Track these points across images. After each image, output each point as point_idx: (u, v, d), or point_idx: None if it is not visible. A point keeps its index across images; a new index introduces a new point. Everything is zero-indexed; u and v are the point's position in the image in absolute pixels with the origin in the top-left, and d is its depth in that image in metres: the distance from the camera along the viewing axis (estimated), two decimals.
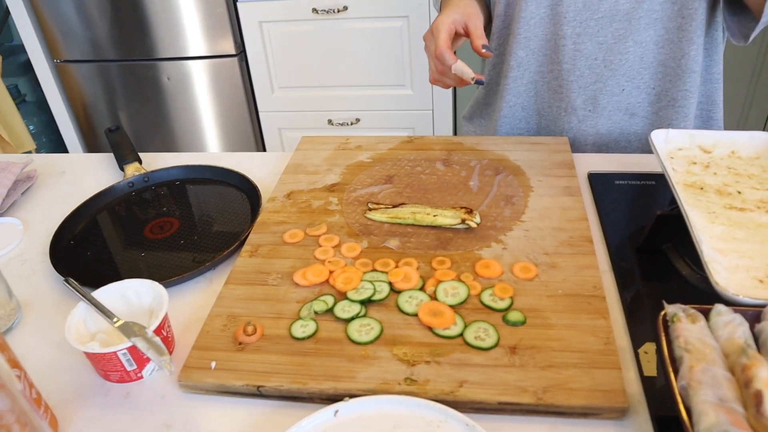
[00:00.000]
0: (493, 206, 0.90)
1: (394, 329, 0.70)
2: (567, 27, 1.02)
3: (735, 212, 0.82)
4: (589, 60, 1.05)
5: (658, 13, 1.00)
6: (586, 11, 1.00)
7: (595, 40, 1.03)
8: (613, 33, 1.02)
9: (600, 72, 1.05)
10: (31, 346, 0.78)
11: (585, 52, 1.04)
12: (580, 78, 1.06)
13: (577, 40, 1.03)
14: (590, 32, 1.02)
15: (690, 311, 0.64)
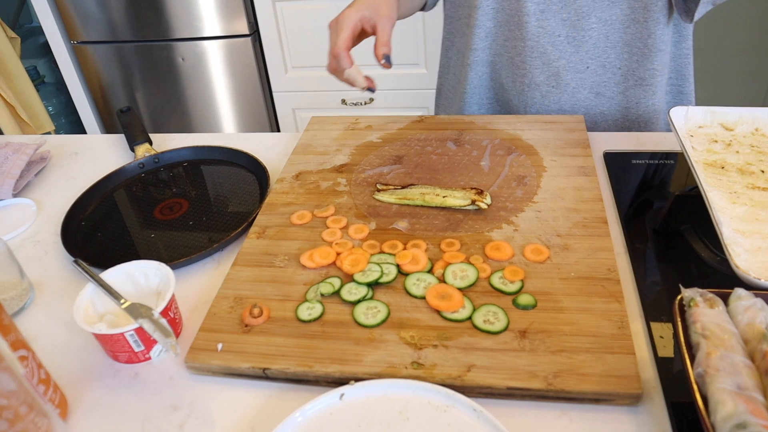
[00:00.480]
0: (504, 187, 0.87)
1: (401, 312, 0.69)
2: (530, 3, 1.01)
3: (758, 192, 0.80)
4: (552, 36, 1.03)
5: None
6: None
7: (558, 17, 1.01)
8: (576, 10, 1.00)
9: (563, 48, 1.04)
10: (43, 326, 0.78)
11: (548, 29, 1.03)
12: (543, 54, 1.05)
13: (541, 16, 1.02)
14: (553, 9, 1.01)
15: (708, 295, 0.62)
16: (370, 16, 0.86)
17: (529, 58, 1.06)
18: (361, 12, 0.86)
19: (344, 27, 0.85)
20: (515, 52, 1.06)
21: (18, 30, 2.68)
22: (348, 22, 0.85)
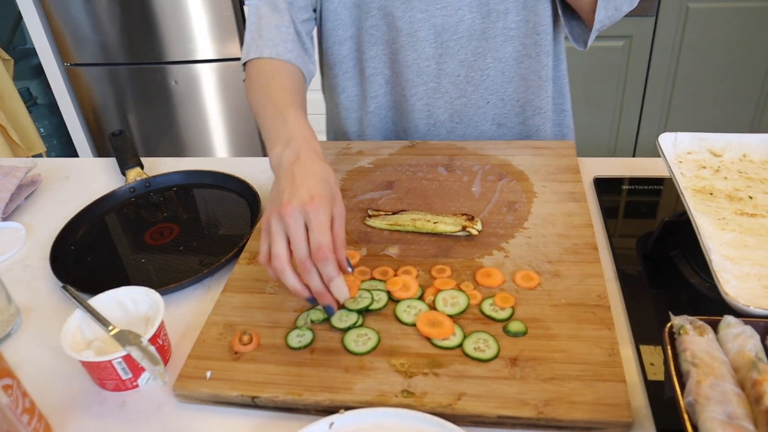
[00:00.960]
0: (495, 213, 0.88)
1: (391, 339, 0.69)
2: (429, 48, 1.03)
3: (746, 218, 0.80)
4: (452, 77, 1.06)
5: (513, 31, 1.02)
6: (446, 33, 1.01)
7: (456, 59, 1.04)
8: (472, 51, 1.03)
9: (463, 88, 1.07)
10: (29, 352, 0.77)
11: (448, 71, 1.05)
12: (446, 94, 1.08)
13: (440, 60, 1.04)
14: (451, 52, 1.03)
15: (698, 323, 0.62)
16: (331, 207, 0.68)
17: (432, 100, 1.08)
18: (330, 202, 0.67)
19: (324, 224, 0.65)
20: (417, 98, 1.08)
21: (11, 51, 2.69)
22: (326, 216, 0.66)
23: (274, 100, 0.84)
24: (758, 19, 2.17)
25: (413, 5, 0.99)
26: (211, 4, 2.29)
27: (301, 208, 0.65)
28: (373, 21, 1.02)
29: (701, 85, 2.34)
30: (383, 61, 1.07)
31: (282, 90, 0.86)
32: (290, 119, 0.78)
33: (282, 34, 0.94)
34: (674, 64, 2.30)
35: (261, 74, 0.91)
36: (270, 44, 0.93)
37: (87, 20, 2.40)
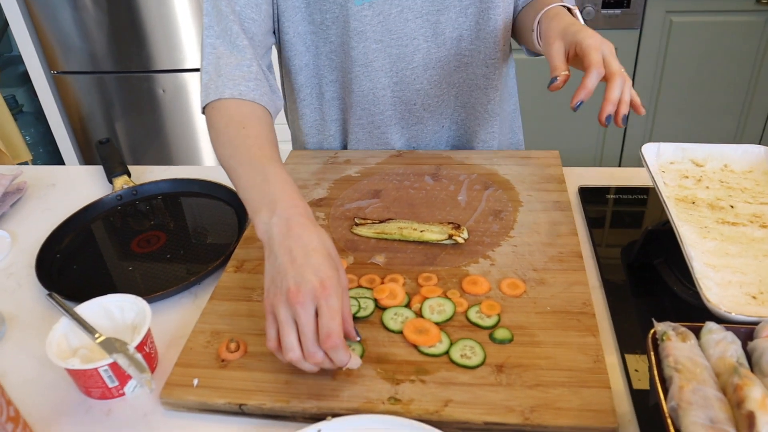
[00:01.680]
0: (481, 221, 0.89)
1: (378, 347, 0.69)
2: (384, 78, 1.03)
3: (727, 227, 0.82)
4: (408, 105, 1.07)
5: (467, 58, 1.04)
6: (401, 62, 1.02)
7: (412, 87, 1.05)
8: (428, 79, 1.04)
9: (420, 114, 1.08)
10: (14, 361, 0.77)
11: (404, 99, 1.06)
12: (402, 120, 1.09)
13: (395, 88, 1.05)
14: (407, 81, 1.04)
15: (680, 329, 0.63)
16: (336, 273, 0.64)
17: (388, 127, 1.09)
18: (340, 286, 0.63)
19: (335, 311, 0.61)
20: (374, 125, 1.09)
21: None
22: (337, 304, 0.62)
23: (251, 157, 0.76)
24: (740, 32, 2.21)
25: (367, 36, 0.98)
26: (199, 13, 2.29)
27: (311, 296, 0.61)
28: (331, 47, 1.02)
29: (685, 97, 2.37)
30: (338, 89, 1.08)
31: (255, 142, 0.79)
32: (271, 178, 0.72)
33: (243, 72, 0.88)
34: (658, 75, 2.33)
35: (229, 124, 0.83)
36: (231, 84, 0.86)
37: (74, 28, 2.40)
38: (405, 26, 0.99)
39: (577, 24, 0.84)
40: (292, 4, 0.98)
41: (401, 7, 0.97)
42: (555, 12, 0.89)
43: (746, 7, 2.16)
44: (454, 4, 0.98)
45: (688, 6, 2.18)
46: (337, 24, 0.99)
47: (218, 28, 0.91)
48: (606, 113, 0.78)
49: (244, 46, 0.90)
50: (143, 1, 2.29)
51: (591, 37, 0.80)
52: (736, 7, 2.16)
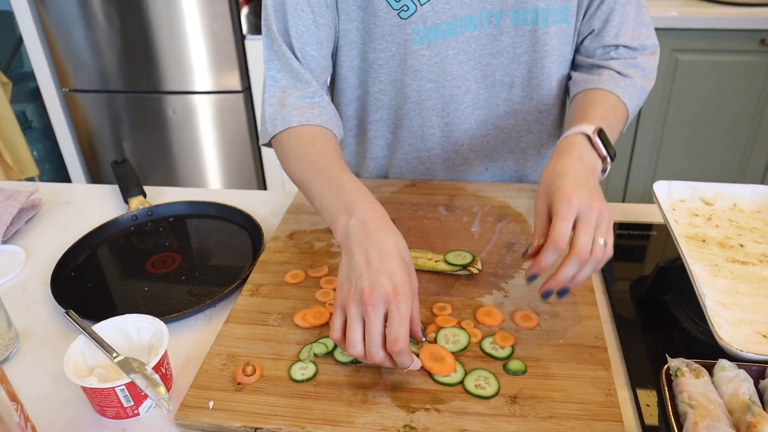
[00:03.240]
0: (494, 253, 0.90)
1: (394, 374, 0.70)
2: (435, 117, 1.05)
3: (737, 265, 0.83)
4: (455, 145, 1.09)
5: (517, 105, 1.06)
6: (453, 103, 1.04)
7: (460, 128, 1.07)
8: (476, 120, 1.06)
9: (465, 155, 1.10)
10: (27, 377, 0.77)
11: (452, 138, 1.08)
12: (448, 160, 1.11)
13: (445, 128, 1.07)
14: (456, 121, 1.06)
15: (694, 366, 0.64)
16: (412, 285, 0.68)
17: (433, 165, 1.12)
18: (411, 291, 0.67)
19: (405, 317, 0.64)
20: (419, 161, 1.11)
21: (9, 74, 2.71)
22: (408, 309, 0.65)
23: (323, 169, 0.81)
24: (744, 72, 2.24)
25: (423, 75, 1.00)
26: (211, 36, 2.33)
27: (383, 300, 0.64)
28: (381, 86, 1.04)
29: (689, 134, 2.40)
30: (387, 125, 1.09)
31: (326, 156, 0.84)
32: (347, 186, 0.76)
33: (307, 103, 0.91)
34: (664, 112, 2.36)
35: (298, 144, 0.87)
36: (297, 113, 0.90)
37: (87, 47, 2.43)
38: (459, 68, 1.00)
39: (567, 176, 0.74)
40: (351, 40, 0.99)
41: (457, 49, 0.98)
42: (566, 145, 0.80)
43: (750, 48, 2.20)
44: (507, 50, 0.99)
45: (694, 45, 2.22)
46: (392, 62, 1.00)
47: (279, 63, 0.94)
48: (546, 289, 0.72)
49: (308, 79, 0.94)
50: (156, 22, 2.33)
51: (564, 202, 0.71)
52: (740, 47, 2.20)
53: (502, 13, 0.96)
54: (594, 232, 0.70)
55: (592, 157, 0.79)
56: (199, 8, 2.28)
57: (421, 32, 0.95)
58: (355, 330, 0.65)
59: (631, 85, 0.96)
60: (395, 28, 0.95)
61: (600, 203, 0.72)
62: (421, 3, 0.93)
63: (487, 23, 0.97)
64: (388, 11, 0.93)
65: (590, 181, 0.75)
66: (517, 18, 0.96)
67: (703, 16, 2.18)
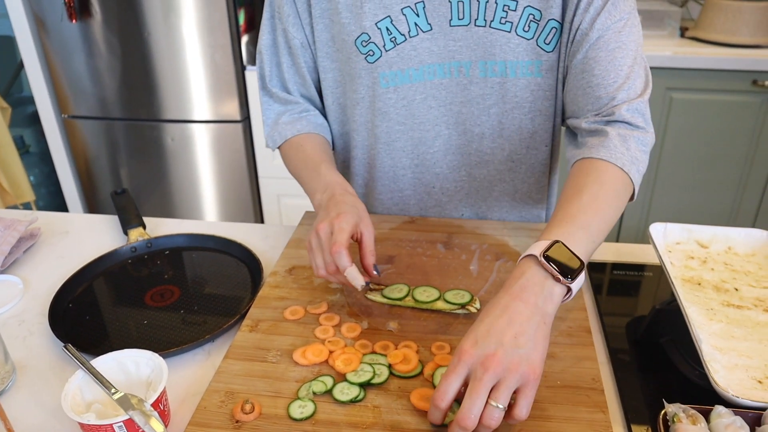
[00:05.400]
0: (492, 292, 0.90)
1: (392, 414, 0.70)
2: (406, 158, 1.08)
3: (733, 309, 0.84)
4: (427, 187, 1.12)
5: (488, 156, 1.07)
6: (422, 146, 1.07)
7: (432, 171, 1.10)
8: (447, 165, 1.09)
9: (438, 198, 1.13)
10: (23, 410, 0.77)
11: (424, 181, 1.11)
12: (420, 202, 1.14)
13: (416, 170, 1.10)
14: (427, 164, 1.09)
15: (690, 412, 0.65)
16: (358, 222, 0.85)
17: (406, 206, 1.15)
18: (354, 219, 0.84)
19: (345, 229, 0.82)
20: (392, 202, 1.15)
21: (8, 98, 2.72)
22: (348, 226, 0.83)
23: (306, 162, 1.01)
24: (738, 111, 2.28)
25: (391, 117, 1.04)
26: (212, 66, 2.36)
27: (328, 222, 0.84)
28: (355, 125, 1.08)
29: (683, 173, 2.43)
30: (363, 164, 1.12)
31: (311, 153, 1.02)
32: (323, 172, 0.95)
33: (296, 118, 1.08)
34: (658, 150, 2.39)
35: (291, 148, 1.06)
36: (289, 127, 1.07)
37: (87, 73, 2.46)
38: (428, 112, 1.03)
39: (482, 323, 0.68)
40: (332, 77, 1.06)
41: (425, 95, 1.01)
42: (515, 274, 0.72)
43: (743, 88, 2.24)
44: (477, 100, 1.01)
45: (688, 84, 2.26)
46: (362, 104, 1.04)
47: (270, 96, 1.11)
48: None
49: (296, 101, 1.10)
50: (157, 51, 2.36)
51: (455, 356, 0.66)
52: (733, 87, 2.24)
53: (471, 63, 0.98)
54: (486, 394, 0.63)
55: (536, 288, 0.70)
56: (201, 38, 2.31)
57: (387, 76, 1.00)
58: (316, 257, 0.85)
59: (622, 142, 0.87)
60: (363, 71, 1.01)
61: (504, 361, 0.63)
62: (386, 49, 0.98)
63: (457, 72, 0.99)
64: (357, 55, 0.99)
65: (515, 328, 0.66)
66: (486, 69, 0.98)
67: (698, 56, 2.22)
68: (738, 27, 2.30)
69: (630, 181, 0.86)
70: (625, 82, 0.90)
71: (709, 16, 2.37)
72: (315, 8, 0.99)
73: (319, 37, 1.02)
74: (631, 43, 0.91)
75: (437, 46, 0.97)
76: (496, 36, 0.95)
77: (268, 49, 1.08)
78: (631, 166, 0.85)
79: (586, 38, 0.91)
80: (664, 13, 2.43)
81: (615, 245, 1.09)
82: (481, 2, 0.94)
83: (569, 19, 0.93)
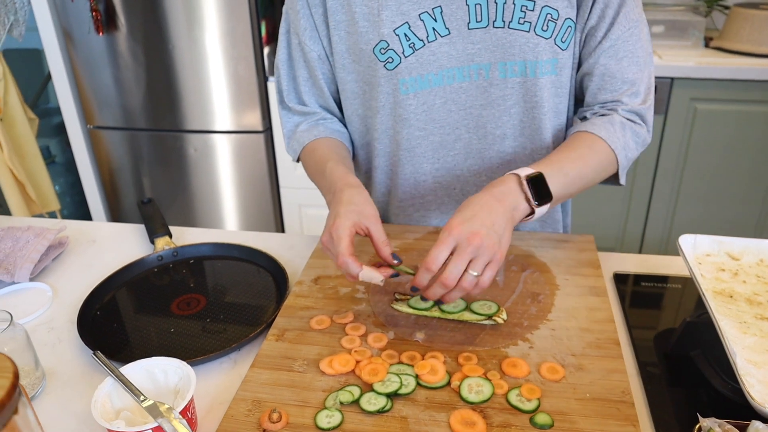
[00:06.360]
0: (519, 303, 0.90)
1: (420, 425, 0.69)
2: (426, 164, 1.08)
3: (766, 323, 0.82)
4: (448, 189, 1.11)
5: (509, 156, 1.07)
6: (443, 149, 1.07)
7: (452, 174, 1.10)
8: (468, 168, 1.09)
9: (459, 199, 1.11)
10: (52, 417, 0.78)
11: (444, 183, 1.11)
12: (442, 205, 1.13)
13: (436, 174, 1.10)
14: (447, 167, 1.09)
15: (726, 426, 0.64)
16: (359, 220, 0.86)
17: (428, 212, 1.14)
18: (351, 218, 0.85)
19: (342, 236, 0.84)
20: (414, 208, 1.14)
21: (35, 109, 2.77)
22: (344, 232, 0.84)
23: (317, 165, 1.03)
24: (763, 121, 2.25)
25: (411, 123, 1.04)
26: (234, 78, 2.38)
27: (328, 232, 0.86)
28: (377, 134, 1.08)
29: (707, 184, 2.40)
30: (385, 172, 1.13)
31: (321, 155, 1.04)
32: (327, 171, 0.98)
33: (312, 125, 1.11)
34: (682, 161, 2.36)
35: (306, 153, 1.09)
36: (306, 134, 1.10)
37: (113, 85, 2.49)
38: (448, 116, 1.03)
39: (466, 209, 0.83)
40: (351, 89, 1.07)
41: (445, 99, 1.02)
42: (495, 182, 0.87)
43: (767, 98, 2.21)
44: (498, 102, 1.02)
45: (713, 95, 2.24)
46: (383, 111, 1.05)
47: (288, 109, 1.13)
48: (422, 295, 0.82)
49: (313, 111, 1.12)
50: (180, 63, 2.39)
51: (446, 230, 0.80)
52: (759, 98, 2.22)
53: (491, 65, 0.99)
54: (466, 263, 0.78)
55: (513, 197, 0.85)
56: (223, 50, 2.33)
57: (407, 82, 1.00)
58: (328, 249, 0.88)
59: (621, 128, 0.98)
60: (383, 79, 1.01)
61: (485, 240, 0.78)
62: (405, 55, 0.98)
63: (476, 75, 1.00)
64: (376, 63, 1.00)
65: (492, 217, 0.81)
66: (505, 70, 0.99)
67: (722, 67, 2.20)
68: (763, 37, 2.28)
69: (616, 161, 0.98)
70: (630, 89, 1.00)
71: (733, 26, 2.35)
72: (331, 19, 1.00)
73: (336, 49, 1.03)
74: (639, 50, 0.99)
75: (456, 49, 0.98)
76: (515, 36, 0.96)
77: (284, 64, 1.10)
78: (622, 150, 0.98)
79: (599, 46, 0.99)
80: (688, 24, 2.41)
81: (639, 257, 1.08)
82: (499, 3, 0.95)
83: (582, 22, 0.98)
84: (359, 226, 0.86)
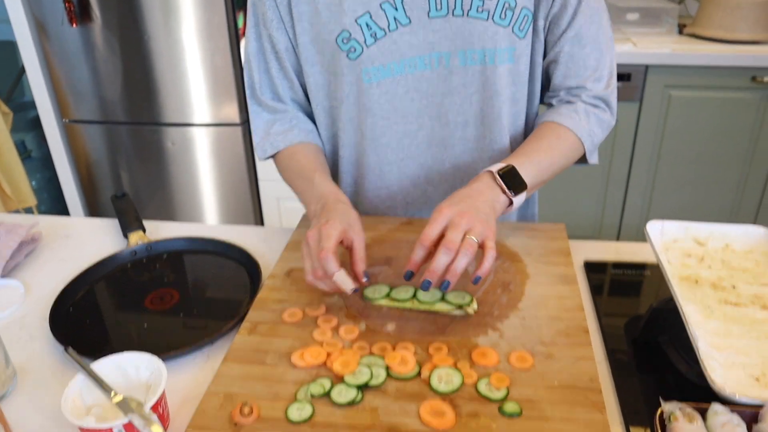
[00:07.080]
0: (489, 293, 0.91)
1: (390, 416, 0.70)
2: (391, 153, 1.10)
3: (730, 307, 0.84)
4: (412, 178, 1.13)
5: (472, 143, 1.09)
6: (406, 138, 1.08)
7: (416, 162, 1.11)
8: (432, 156, 1.10)
9: (423, 188, 1.13)
10: (24, 414, 0.77)
11: (408, 173, 1.12)
12: (408, 195, 1.14)
13: (401, 164, 1.11)
14: (412, 156, 1.10)
15: (687, 410, 0.65)
16: (347, 230, 0.87)
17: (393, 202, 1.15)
18: (343, 225, 0.87)
19: (333, 235, 0.84)
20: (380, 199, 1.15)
21: (9, 103, 2.73)
22: (336, 232, 0.85)
23: (301, 172, 1.04)
24: (737, 108, 2.28)
25: (375, 113, 1.05)
26: (211, 69, 2.36)
27: (317, 230, 0.86)
28: (342, 125, 1.09)
29: (683, 170, 2.43)
30: (351, 163, 1.14)
31: (305, 163, 1.05)
32: (317, 182, 0.99)
33: (287, 128, 1.10)
34: (657, 148, 2.39)
35: (285, 157, 1.10)
36: (281, 138, 1.09)
37: (88, 78, 2.47)
38: (410, 105, 1.04)
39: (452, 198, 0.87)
40: (317, 81, 1.07)
41: (407, 88, 1.03)
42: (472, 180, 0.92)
43: (742, 84, 2.24)
44: (459, 90, 1.03)
45: (687, 81, 2.26)
46: (348, 101, 1.06)
47: (259, 104, 1.12)
48: (424, 279, 0.82)
49: (285, 109, 1.12)
50: (156, 54, 2.36)
51: (436, 211, 0.84)
52: (732, 84, 2.24)
53: (451, 53, 1.00)
54: (462, 234, 0.81)
55: (490, 191, 0.90)
56: (200, 42, 2.32)
57: (370, 72, 1.01)
58: (306, 263, 0.87)
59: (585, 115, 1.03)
60: (346, 69, 1.02)
61: (474, 218, 0.82)
62: (368, 45, 0.99)
63: (437, 63, 1.01)
64: (339, 53, 1.01)
65: (477, 204, 0.86)
66: (465, 58, 1.01)
67: (696, 53, 2.22)
68: (736, 23, 2.30)
69: (582, 147, 1.03)
70: (593, 74, 1.04)
71: (707, 13, 2.37)
72: (295, 11, 1.01)
73: (300, 40, 1.03)
74: (602, 37, 1.02)
75: (417, 38, 0.99)
76: (474, 25, 0.98)
77: (256, 57, 1.09)
78: (588, 137, 1.02)
79: (564, 35, 1.02)
80: (662, 10, 2.42)
81: (615, 244, 1.09)
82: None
83: (546, 10, 1.00)
84: (347, 235, 0.87)
